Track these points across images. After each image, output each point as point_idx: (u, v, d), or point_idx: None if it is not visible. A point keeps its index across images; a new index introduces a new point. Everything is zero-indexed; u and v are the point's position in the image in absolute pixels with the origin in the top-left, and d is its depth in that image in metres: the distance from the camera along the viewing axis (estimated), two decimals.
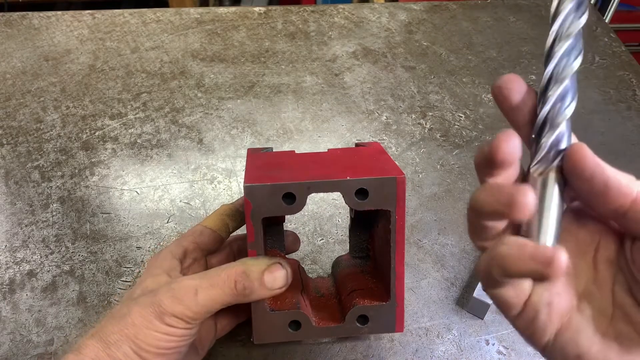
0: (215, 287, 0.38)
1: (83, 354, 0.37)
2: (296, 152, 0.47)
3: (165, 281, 0.40)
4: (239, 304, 0.48)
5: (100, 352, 0.37)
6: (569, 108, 0.28)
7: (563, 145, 0.29)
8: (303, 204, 0.39)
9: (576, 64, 0.28)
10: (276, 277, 0.39)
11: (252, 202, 0.38)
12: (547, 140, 0.28)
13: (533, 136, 0.29)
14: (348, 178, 0.39)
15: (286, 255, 0.51)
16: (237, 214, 0.48)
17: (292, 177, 0.39)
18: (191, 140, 0.70)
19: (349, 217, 0.52)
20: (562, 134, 0.28)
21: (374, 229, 0.48)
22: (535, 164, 0.29)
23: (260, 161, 0.44)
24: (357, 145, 0.52)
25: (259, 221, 0.39)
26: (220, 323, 0.46)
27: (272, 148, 0.50)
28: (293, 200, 0.39)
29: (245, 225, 0.49)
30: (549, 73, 0.28)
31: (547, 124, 0.28)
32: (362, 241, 0.50)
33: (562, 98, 0.28)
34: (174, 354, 0.38)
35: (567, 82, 0.28)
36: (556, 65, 0.28)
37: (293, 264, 0.49)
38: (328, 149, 0.47)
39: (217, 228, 0.47)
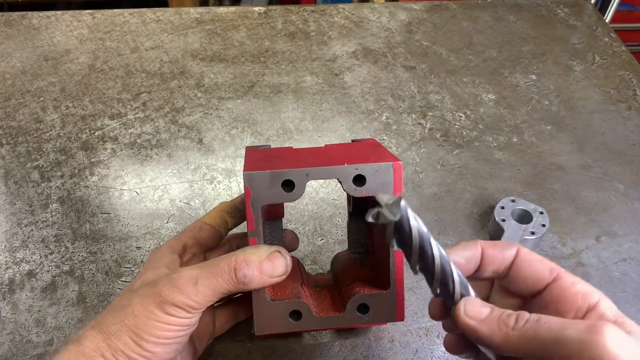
0: (215, 275, 0.38)
1: (83, 344, 0.37)
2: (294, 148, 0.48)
3: (165, 274, 0.40)
4: (238, 303, 0.48)
5: (100, 342, 0.37)
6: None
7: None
8: (302, 191, 0.39)
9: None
10: (276, 265, 0.39)
11: (251, 190, 0.39)
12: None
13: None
14: (345, 165, 0.39)
15: None
16: (236, 211, 0.48)
17: (290, 165, 0.39)
18: (191, 140, 0.69)
19: (347, 212, 0.52)
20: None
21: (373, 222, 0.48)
22: None
23: (259, 155, 0.45)
24: (353, 141, 0.52)
25: (259, 209, 0.39)
26: (219, 321, 0.47)
27: (270, 145, 0.50)
28: (292, 187, 0.39)
29: (243, 223, 0.50)
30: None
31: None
32: (360, 236, 0.51)
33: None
34: (174, 344, 0.38)
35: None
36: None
37: (293, 260, 0.49)
38: (325, 145, 0.48)
39: (217, 224, 0.47)
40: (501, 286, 0.36)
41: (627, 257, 0.58)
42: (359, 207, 0.49)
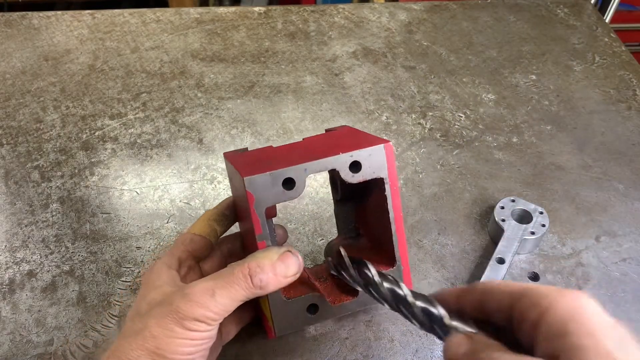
0: (231, 284, 0.38)
1: None
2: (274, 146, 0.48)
3: (170, 291, 0.40)
4: (242, 307, 0.48)
5: None
6: None
7: None
8: (302, 187, 0.40)
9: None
10: (288, 265, 0.39)
11: (254, 194, 0.39)
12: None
13: None
14: (341, 154, 0.40)
15: None
16: (223, 218, 0.48)
17: (287, 164, 0.39)
18: (191, 140, 0.70)
19: (333, 201, 0.52)
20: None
21: (363, 205, 0.49)
22: None
23: (246, 158, 0.45)
24: (327, 131, 0.52)
25: (263, 212, 0.39)
26: (226, 328, 0.46)
27: (247, 148, 0.50)
28: (293, 185, 0.39)
29: (232, 226, 0.50)
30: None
31: None
32: (349, 222, 0.51)
33: None
34: (199, 358, 0.38)
35: None
36: None
37: None
38: (303, 138, 0.48)
39: (206, 234, 0.47)
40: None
41: (627, 257, 0.58)
42: (347, 192, 0.49)
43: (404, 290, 0.36)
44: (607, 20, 0.96)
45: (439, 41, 0.87)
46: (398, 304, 0.36)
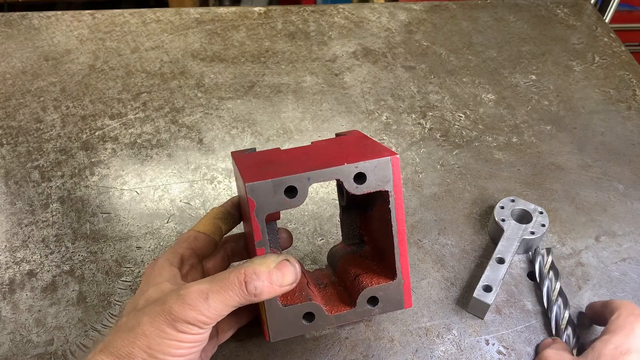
0: (225, 289, 0.37)
1: None
2: (281, 148, 0.48)
3: (169, 289, 0.40)
4: (240, 309, 0.48)
5: None
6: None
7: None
8: (305, 196, 0.39)
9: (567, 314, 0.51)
10: (285, 274, 0.39)
11: (255, 200, 0.38)
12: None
13: None
14: (345, 164, 0.39)
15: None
16: (228, 216, 0.48)
17: (290, 171, 0.39)
18: (191, 140, 0.70)
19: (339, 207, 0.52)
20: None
21: (369, 214, 0.49)
22: None
23: (251, 161, 0.44)
24: (337, 135, 0.51)
25: (264, 219, 0.39)
26: (222, 328, 0.46)
27: (255, 148, 0.50)
28: (295, 193, 0.39)
29: (238, 225, 0.49)
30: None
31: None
32: (354, 228, 0.51)
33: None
34: None
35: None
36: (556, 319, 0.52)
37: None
38: (312, 142, 0.47)
39: (211, 232, 0.46)
40: None
41: (627, 257, 0.58)
42: (353, 200, 0.49)
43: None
44: (607, 20, 0.96)
45: (439, 41, 0.87)
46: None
